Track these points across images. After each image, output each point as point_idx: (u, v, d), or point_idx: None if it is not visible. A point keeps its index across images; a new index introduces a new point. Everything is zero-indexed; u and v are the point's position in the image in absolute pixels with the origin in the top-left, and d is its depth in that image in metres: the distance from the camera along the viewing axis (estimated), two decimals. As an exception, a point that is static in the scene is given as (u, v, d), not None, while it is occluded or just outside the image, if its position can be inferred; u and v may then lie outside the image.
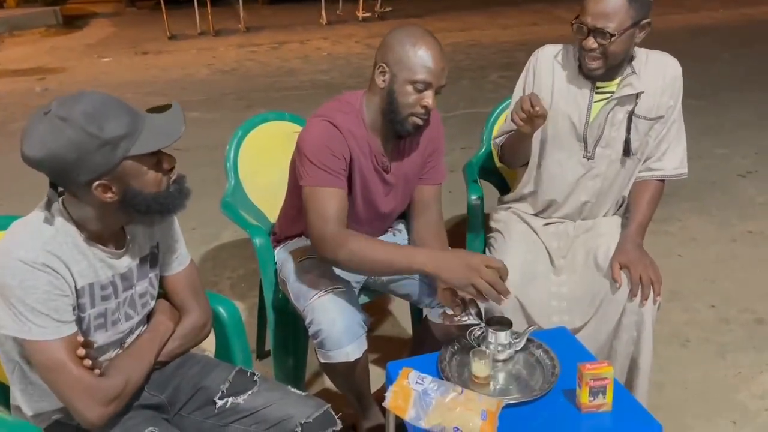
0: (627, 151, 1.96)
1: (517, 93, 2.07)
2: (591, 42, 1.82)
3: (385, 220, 2.00)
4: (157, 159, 1.30)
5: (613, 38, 1.79)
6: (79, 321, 1.34)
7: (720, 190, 3.85)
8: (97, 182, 1.25)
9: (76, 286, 1.32)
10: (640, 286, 1.83)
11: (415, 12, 10.16)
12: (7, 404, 1.49)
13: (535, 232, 2.07)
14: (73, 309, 1.31)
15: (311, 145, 1.73)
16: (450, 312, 1.84)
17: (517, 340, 1.61)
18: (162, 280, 1.56)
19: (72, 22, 10.24)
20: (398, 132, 1.78)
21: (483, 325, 1.63)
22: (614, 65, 1.88)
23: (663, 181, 2.05)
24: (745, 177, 4.04)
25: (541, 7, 10.49)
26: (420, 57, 1.68)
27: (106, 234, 1.38)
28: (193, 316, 1.56)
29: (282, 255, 1.98)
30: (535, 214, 2.14)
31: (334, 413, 1.51)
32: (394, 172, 1.88)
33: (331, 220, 1.69)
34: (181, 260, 1.57)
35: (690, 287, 2.86)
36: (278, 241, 2.06)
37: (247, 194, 2.25)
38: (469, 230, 2.27)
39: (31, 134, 1.22)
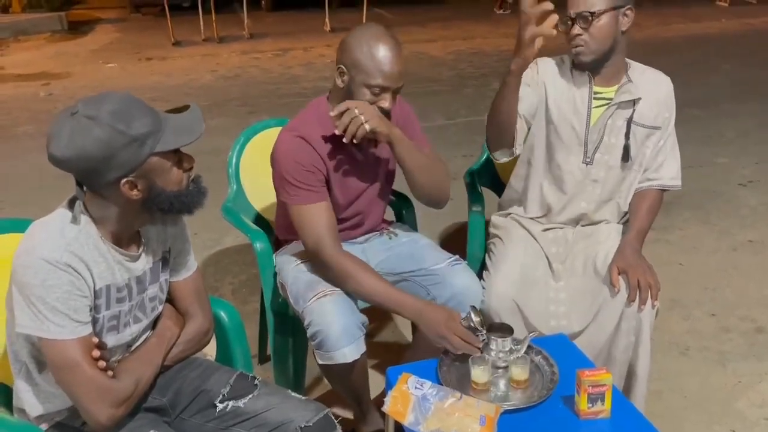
0: (626, 157, 2.00)
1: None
2: (575, 29, 1.88)
3: (367, 203, 1.96)
4: (178, 158, 1.35)
5: (593, 17, 1.85)
6: (94, 322, 1.36)
7: (721, 200, 3.85)
8: (124, 179, 1.28)
9: (94, 287, 1.34)
10: (638, 291, 1.85)
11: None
12: (10, 406, 1.50)
13: (534, 238, 2.08)
14: (90, 310, 1.33)
15: (283, 162, 1.75)
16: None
17: (518, 347, 1.62)
18: (169, 286, 1.57)
19: (77, 28, 10.27)
20: None
21: (484, 332, 1.64)
22: (601, 53, 1.92)
23: (662, 191, 2.09)
24: (746, 186, 4.04)
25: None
26: (375, 61, 1.66)
27: (125, 236, 1.40)
28: (197, 322, 1.58)
29: (281, 259, 1.99)
30: (534, 219, 2.15)
31: (333, 417, 1.52)
32: (365, 152, 1.87)
33: (326, 239, 1.75)
34: (189, 266, 1.59)
35: (690, 296, 2.87)
36: (277, 246, 2.07)
37: (248, 199, 2.27)
38: (470, 238, 2.28)
39: (58, 134, 1.25)
